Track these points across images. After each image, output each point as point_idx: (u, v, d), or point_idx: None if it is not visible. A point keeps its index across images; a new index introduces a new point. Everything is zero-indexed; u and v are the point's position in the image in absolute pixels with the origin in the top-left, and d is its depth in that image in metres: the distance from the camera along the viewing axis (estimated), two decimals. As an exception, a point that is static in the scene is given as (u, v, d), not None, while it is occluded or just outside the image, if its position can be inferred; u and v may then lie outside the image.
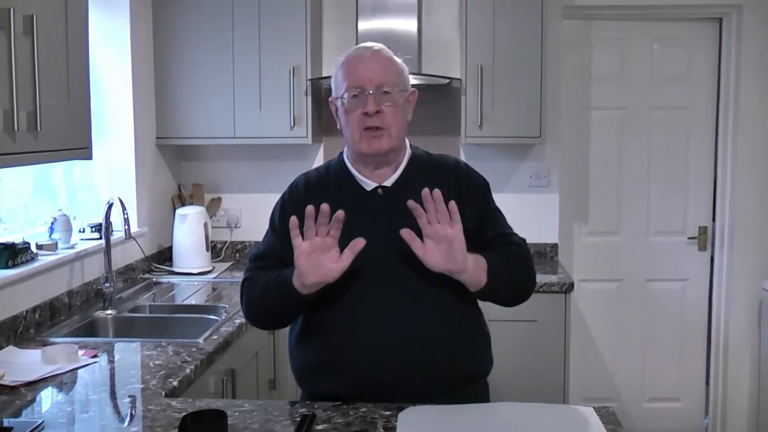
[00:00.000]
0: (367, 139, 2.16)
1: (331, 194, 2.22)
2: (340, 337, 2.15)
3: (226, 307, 3.43)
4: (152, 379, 2.44)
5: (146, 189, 4.17)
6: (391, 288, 2.14)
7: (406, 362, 2.11)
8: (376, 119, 2.15)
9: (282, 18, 4.14)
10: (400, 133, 2.22)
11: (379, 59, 2.21)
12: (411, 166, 2.27)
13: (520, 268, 2.28)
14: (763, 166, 4.60)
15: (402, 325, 2.12)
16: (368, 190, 2.23)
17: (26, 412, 2.19)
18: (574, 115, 4.70)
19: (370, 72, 2.17)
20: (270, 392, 3.56)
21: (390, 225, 2.15)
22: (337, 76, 2.23)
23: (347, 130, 2.21)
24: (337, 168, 2.30)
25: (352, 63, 2.21)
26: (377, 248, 2.13)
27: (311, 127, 4.18)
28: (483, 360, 2.31)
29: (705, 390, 4.90)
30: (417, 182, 2.21)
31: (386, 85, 2.16)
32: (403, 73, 2.25)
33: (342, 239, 2.14)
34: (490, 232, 2.29)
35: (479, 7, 4.14)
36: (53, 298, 3.21)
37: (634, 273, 4.83)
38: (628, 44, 4.72)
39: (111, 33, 3.94)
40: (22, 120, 2.20)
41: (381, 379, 2.12)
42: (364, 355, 2.12)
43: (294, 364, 2.29)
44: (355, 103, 2.17)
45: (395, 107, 2.18)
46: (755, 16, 4.50)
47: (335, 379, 2.16)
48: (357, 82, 2.16)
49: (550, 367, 3.97)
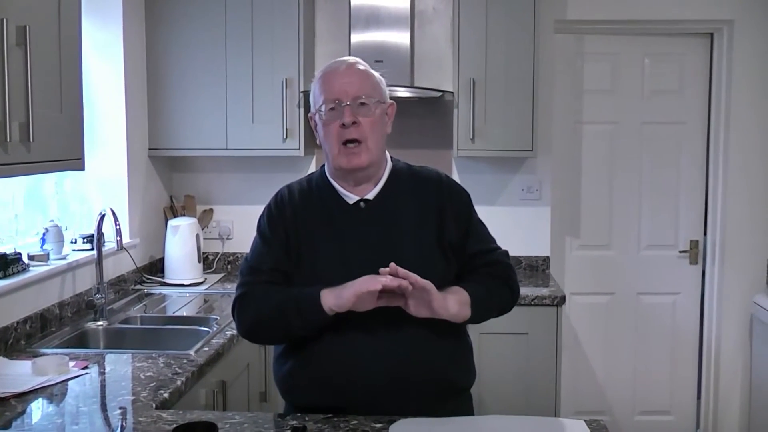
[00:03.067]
0: (346, 154, 2.16)
1: (314, 208, 2.24)
2: (322, 350, 2.14)
3: (218, 318, 3.42)
4: (143, 390, 2.44)
5: (138, 200, 4.17)
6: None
7: (389, 376, 2.11)
8: (353, 131, 2.14)
9: (275, 30, 4.15)
10: (379, 146, 2.22)
11: (354, 72, 2.21)
12: (392, 179, 2.27)
13: (503, 290, 2.30)
14: (754, 181, 4.62)
15: (385, 339, 2.11)
16: (351, 204, 2.23)
17: (16, 423, 2.18)
18: (566, 128, 4.72)
19: (346, 84, 2.16)
20: (261, 404, 3.55)
21: (373, 238, 2.18)
22: (314, 91, 2.23)
23: (326, 144, 2.21)
24: (319, 181, 2.30)
25: (329, 76, 2.20)
26: (361, 261, 2.13)
27: (303, 139, 4.19)
28: (466, 372, 2.31)
29: (696, 403, 4.91)
30: (399, 195, 2.24)
31: (363, 97, 2.16)
32: (380, 85, 2.25)
33: (327, 252, 2.17)
34: (473, 246, 2.29)
35: (471, 20, 4.15)
36: (44, 309, 3.20)
37: (626, 286, 4.84)
38: (620, 59, 4.74)
39: (104, 44, 3.94)
40: (15, 131, 2.20)
41: (364, 393, 2.12)
42: (346, 368, 2.12)
43: (277, 376, 2.28)
44: (332, 115, 2.16)
45: (372, 119, 2.17)
46: (746, 32, 4.53)
47: (317, 391, 2.16)
48: (333, 95, 2.16)
49: (541, 380, 3.97)
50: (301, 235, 2.21)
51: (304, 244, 2.20)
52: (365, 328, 2.11)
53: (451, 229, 2.22)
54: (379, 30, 4.25)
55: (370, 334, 2.11)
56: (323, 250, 2.18)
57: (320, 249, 2.19)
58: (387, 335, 2.12)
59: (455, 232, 2.23)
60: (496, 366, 3.91)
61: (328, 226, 2.21)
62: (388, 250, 2.15)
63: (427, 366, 2.15)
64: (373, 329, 2.11)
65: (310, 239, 2.20)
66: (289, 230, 2.23)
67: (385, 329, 2.12)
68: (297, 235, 2.21)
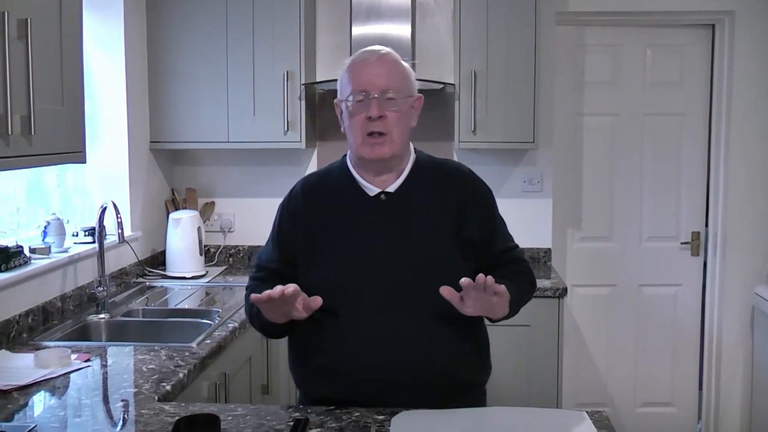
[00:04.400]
0: (370, 144, 2.14)
1: (332, 200, 2.23)
2: (339, 343, 2.14)
3: (220, 311, 3.43)
4: (145, 383, 2.44)
5: (140, 193, 4.17)
6: (392, 295, 2.12)
7: (404, 370, 2.10)
8: (379, 124, 2.13)
9: (276, 23, 4.14)
10: (403, 139, 2.20)
11: (384, 63, 2.19)
12: (414, 172, 2.25)
13: (529, 291, 2.32)
14: (755, 172, 4.62)
15: (401, 333, 2.11)
16: (371, 196, 2.21)
17: (18, 416, 2.18)
18: (567, 120, 4.71)
19: (374, 76, 2.14)
20: (263, 397, 3.56)
21: (393, 231, 2.16)
22: (342, 79, 2.21)
23: (350, 133, 2.19)
24: (340, 172, 2.28)
25: (358, 66, 2.18)
26: (379, 254, 2.13)
27: (305, 132, 4.19)
28: (481, 369, 2.31)
29: (698, 395, 4.91)
30: (420, 188, 2.22)
31: (391, 90, 2.14)
32: (408, 78, 2.23)
33: (345, 245, 2.16)
34: (498, 245, 2.29)
35: (473, 12, 4.15)
36: (46, 302, 3.20)
37: (627, 278, 4.84)
38: (621, 50, 4.73)
39: (105, 37, 3.94)
40: (16, 124, 2.19)
41: (378, 386, 2.12)
42: (362, 362, 2.11)
43: (293, 368, 2.29)
44: (358, 107, 2.14)
45: (399, 113, 2.16)
46: (748, 23, 4.52)
47: (333, 383, 2.16)
48: (361, 86, 2.14)
49: (543, 372, 3.97)
50: (316, 227, 2.20)
51: (320, 236, 2.19)
52: (377, 320, 2.11)
53: (473, 226, 2.21)
54: (381, 22, 4.24)
55: (382, 328, 2.11)
56: (340, 241, 2.17)
57: (337, 240, 2.18)
58: (400, 329, 2.11)
59: (477, 230, 2.22)
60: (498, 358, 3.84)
61: (345, 218, 2.20)
62: (405, 244, 2.15)
63: (440, 363, 2.14)
64: (385, 322, 2.11)
65: (326, 231, 2.19)
66: (298, 228, 2.23)
67: (398, 323, 2.11)
68: (311, 229, 2.20)
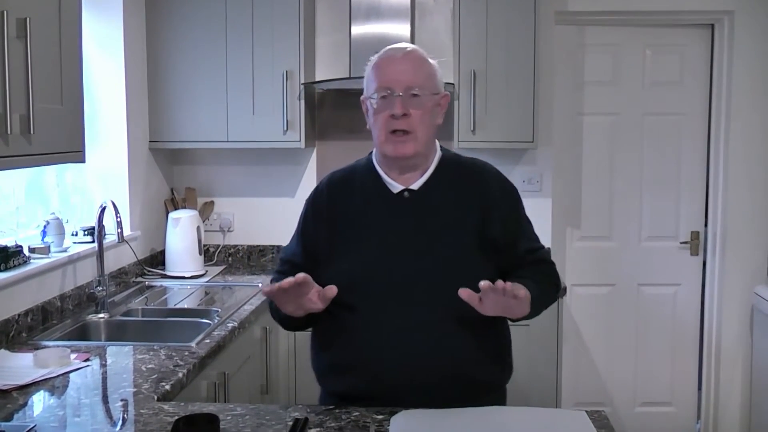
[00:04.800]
0: (393, 142, 2.13)
1: (356, 197, 2.23)
2: (358, 338, 2.14)
3: (219, 311, 3.42)
4: (144, 383, 2.44)
5: (139, 193, 4.17)
6: (413, 292, 2.12)
7: (423, 368, 2.10)
8: (402, 122, 2.11)
9: (275, 22, 4.14)
10: (428, 137, 2.19)
11: (410, 60, 2.18)
12: (439, 170, 2.24)
13: (552, 293, 2.29)
14: (755, 171, 4.62)
15: (421, 330, 2.10)
16: (395, 193, 2.21)
17: (18, 416, 2.18)
18: (566, 120, 4.71)
19: (399, 73, 2.14)
20: (262, 396, 3.56)
21: (415, 228, 2.16)
22: (368, 76, 2.20)
23: (375, 130, 2.18)
24: (365, 169, 2.28)
25: (384, 63, 2.18)
26: (400, 251, 2.14)
27: (304, 132, 4.19)
28: (501, 369, 2.29)
29: (697, 394, 4.91)
30: (444, 186, 2.22)
31: (415, 88, 2.13)
32: (434, 75, 2.21)
33: (366, 241, 2.16)
34: (523, 245, 2.27)
35: (472, 12, 4.15)
36: (45, 302, 3.20)
37: (627, 278, 4.84)
38: (621, 50, 4.73)
39: (104, 37, 3.94)
40: (15, 123, 2.20)
41: (397, 384, 2.11)
42: (381, 358, 2.11)
43: (314, 363, 2.30)
44: (383, 104, 2.14)
45: (423, 111, 2.14)
46: (747, 23, 4.52)
47: (353, 379, 2.16)
48: (386, 83, 2.13)
49: (542, 372, 3.98)
50: (339, 223, 2.21)
51: (343, 232, 2.19)
52: (397, 317, 2.11)
53: (497, 227, 2.19)
54: (380, 22, 4.24)
55: (402, 325, 2.10)
56: (363, 238, 2.17)
57: (360, 237, 2.18)
58: (419, 327, 2.10)
59: (501, 230, 2.20)
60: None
61: (368, 214, 2.20)
62: (427, 242, 2.15)
63: (459, 362, 2.13)
64: (405, 320, 2.10)
65: (350, 227, 2.20)
66: (322, 223, 2.24)
67: (417, 321, 2.10)
68: (334, 225, 2.21)
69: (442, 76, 2.25)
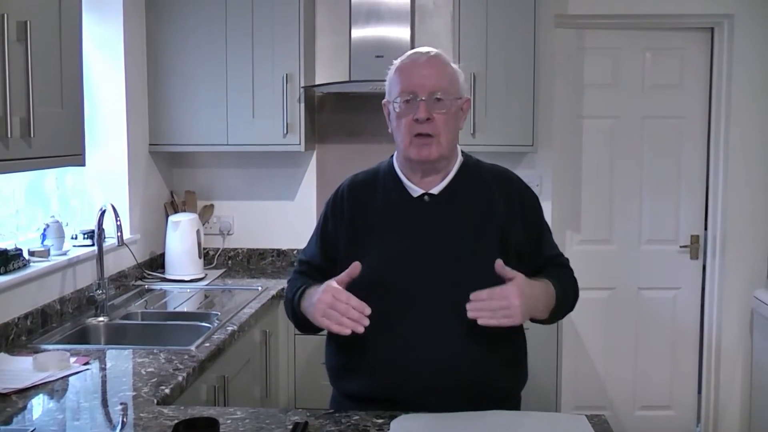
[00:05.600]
0: (417, 145, 2.14)
1: (376, 199, 2.24)
2: (377, 343, 2.12)
3: (219, 314, 3.42)
4: (144, 386, 2.44)
5: (139, 196, 4.17)
6: (430, 297, 2.12)
7: (437, 373, 2.10)
8: (426, 126, 2.12)
9: (275, 25, 4.14)
10: (451, 141, 2.19)
11: (434, 65, 2.18)
12: (460, 175, 2.25)
13: (573, 297, 2.36)
14: (755, 175, 4.62)
15: (437, 336, 2.10)
16: (414, 197, 2.21)
17: (17, 419, 2.18)
18: (566, 123, 4.71)
19: (423, 78, 2.14)
20: (262, 400, 3.56)
21: (434, 233, 2.16)
22: (391, 80, 2.21)
23: (398, 134, 2.19)
24: (386, 172, 2.28)
25: (407, 67, 2.18)
26: (419, 255, 2.14)
27: (304, 135, 4.19)
28: (515, 378, 2.30)
29: (697, 398, 4.91)
30: (465, 192, 2.22)
31: (439, 92, 2.13)
32: (457, 79, 2.22)
33: (385, 244, 2.17)
34: (545, 253, 2.30)
35: (472, 15, 4.15)
36: (45, 305, 3.20)
37: (627, 281, 4.84)
38: (621, 53, 4.73)
39: (104, 40, 3.94)
40: (16, 126, 2.20)
41: (413, 386, 2.11)
42: (397, 360, 2.11)
43: (329, 364, 2.30)
44: (407, 108, 2.14)
45: (447, 115, 2.15)
46: (747, 26, 4.52)
47: (370, 382, 2.16)
48: (410, 87, 2.14)
49: (542, 375, 3.97)
50: (359, 226, 2.21)
51: (362, 234, 2.19)
52: (415, 321, 2.11)
53: (518, 234, 2.20)
54: (380, 25, 4.25)
55: (419, 329, 2.10)
56: (382, 241, 2.18)
57: (379, 240, 2.18)
58: (437, 332, 2.10)
59: (523, 237, 2.21)
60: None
61: (388, 217, 2.20)
62: (446, 247, 2.15)
63: (476, 368, 2.13)
64: (423, 324, 2.11)
65: (369, 230, 2.20)
66: (342, 225, 2.24)
67: (435, 326, 2.10)
68: (354, 227, 2.21)
69: (464, 80, 2.26)
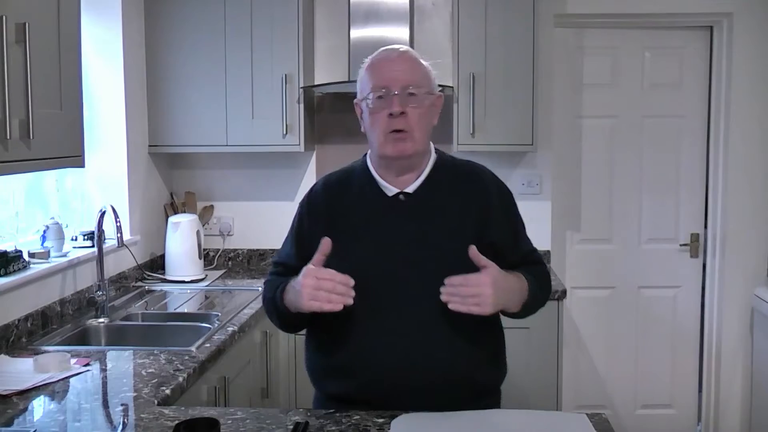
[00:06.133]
0: (392, 141, 2.12)
1: (351, 199, 2.23)
2: (354, 342, 2.13)
3: (219, 315, 3.42)
4: (144, 387, 2.44)
5: (139, 197, 4.17)
6: (408, 296, 2.11)
7: (419, 370, 2.09)
8: (400, 121, 2.11)
9: (274, 26, 4.14)
10: (425, 136, 2.18)
11: (405, 60, 2.17)
12: (435, 172, 2.24)
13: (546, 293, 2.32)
14: (754, 173, 4.62)
15: (416, 334, 2.10)
16: (390, 196, 2.20)
17: (18, 421, 2.18)
18: (566, 123, 4.71)
19: (396, 72, 2.13)
20: (263, 400, 3.56)
21: (410, 231, 2.15)
22: (362, 78, 2.19)
23: (372, 132, 2.17)
24: (360, 171, 2.27)
25: (379, 64, 2.17)
26: (397, 254, 2.13)
27: (304, 135, 4.19)
28: (496, 372, 2.29)
29: (698, 397, 4.91)
30: (440, 189, 2.21)
31: (412, 86, 2.12)
32: (429, 75, 2.21)
33: (362, 244, 2.16)
34: (520, 248, 2.29)
35: (471, 15, 4.15)
36: (45, 307, 3.20)
37: (627, 280, 4.84)
38: (620, 53, 4.74)
39: (103, 41, 3.94)
40: (15, 128, 2.20)
41: (394, 386, 2.11)
42: (376, 360, 2.11)
43: (309, 365, 2.29)
44: (380, 104, 2.13)
45: (421, 109, 2.14)
46: (746, 25, 4.52)
47: (349, 381, 2.16)
48: (382, 83, 2.12)
49: (542, 374, 3.97)
50: (334, 226, 2.19)
51: (338, 235, 2.16)
52: (392, 321, 2.10)
53: (494, 230, 2.19)
54: (379, 25, 4.25)
55: (397, 328, 2.10)
56: (358, 241, 2.16)
57: (355, 240, 2.17)
58: (415, 330, 2.10)
59: (498, 234, 2.20)
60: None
61: (364, 217, 2.20)
62: (423, 245, 2.14)
63: (456, 365, 2.13)
64: (400, 323, 2.10)
65: (344, 230, 2.18)
66: (317, 226, 2.22)
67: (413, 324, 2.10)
68: (329, 228, 2.19)
69: (435, 77, 2.24)
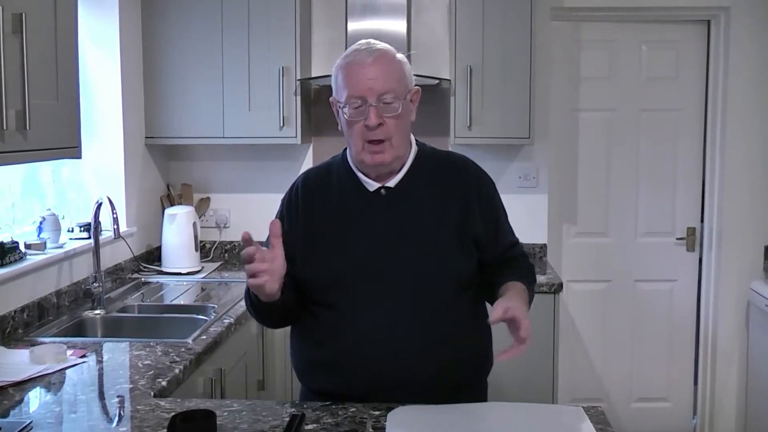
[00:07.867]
0: (370, 152, 2.10)
1: (332, 195, 2.21)
2: (338, 336, 2.13)
3: (215, 307, 3.43)
4: (141, 379, 2.44)
5: (135, 189, 4.16)
6: (392, 289, 2.11)
7: (403, 364, 2.09)
8: (378, 132, 2.08)
9: (271, 18, 4.13)
10: (404, 140, 2.17)
11: (380, 64, 2.10)
12: (416, 166, 2.22)
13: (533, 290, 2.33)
14: (751, 167, 4.62)
15: (400, 327, 2.09)
16: (371, 191, 2.19)
17: (14, 412, 2.18)
18: (562, 116, 4.71)
19: (371, 81, 2.07)
20: (259, 392, 3.56)
21: (393, 226, 2.15)
22: (337, 80, 2.14)
23: (349, 139, 2.15)
24: (340, 167, 2.25)
25: (353, 69, 2.10)
26: (379, 249, 2.13)
27: (300, 128, 4.18)
28: (482, 365, 2.29)
29: (693, 390, 4.92)
30: (422, 183, 2.20)
31: (388, 95, 2.08)
32: (405, 75, 2.17)
33: (344, 239, 2.15)
34: (503, 240, 2.29)
35: (468, 8, 4.14)
36: (41, 298, 3.20)
37: (623, 274, 4.85)
38: (617, 46, 4.73)
39: (100, 32, 3.93)
40: (11, 119, 2.19)
41: (378, 380, 2.11)
42: (360, 356, 2.10)
43: (294, 360, 2.29)
44: (356, 114, 2.09)
45: (397, 118, 2.10)
46: (743, 19, 4.52)
47: (333, 377, 2.15)
48: (358, 92, 2.07)
49: (538, 368, 3.97)
50: (316, 222, 2.19)
51: (320, 231, 2.17)
52: (376, 315, 2.10)
53: (477, 221, 2.19)
54: (376, 18, 4.24)
55: (381, 322, 2.09)
56: (339, 236, 2.16)
57: (336, 235, 2.16)
58: (399, 324, 2.09)
59: (481, 225, 2.19)
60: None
61: (345, 213, 2.18)
62: (406, 238, 2.13)
63: (441, 359, 2.12)
64: (384, 317, 2.10)
65: (325, 225, 2.18)
66: (298, 222, 2.21)
67: (397, 318, 2.09)
68: (311, 224, 2.19)
69: (410, 70, 2.21)
